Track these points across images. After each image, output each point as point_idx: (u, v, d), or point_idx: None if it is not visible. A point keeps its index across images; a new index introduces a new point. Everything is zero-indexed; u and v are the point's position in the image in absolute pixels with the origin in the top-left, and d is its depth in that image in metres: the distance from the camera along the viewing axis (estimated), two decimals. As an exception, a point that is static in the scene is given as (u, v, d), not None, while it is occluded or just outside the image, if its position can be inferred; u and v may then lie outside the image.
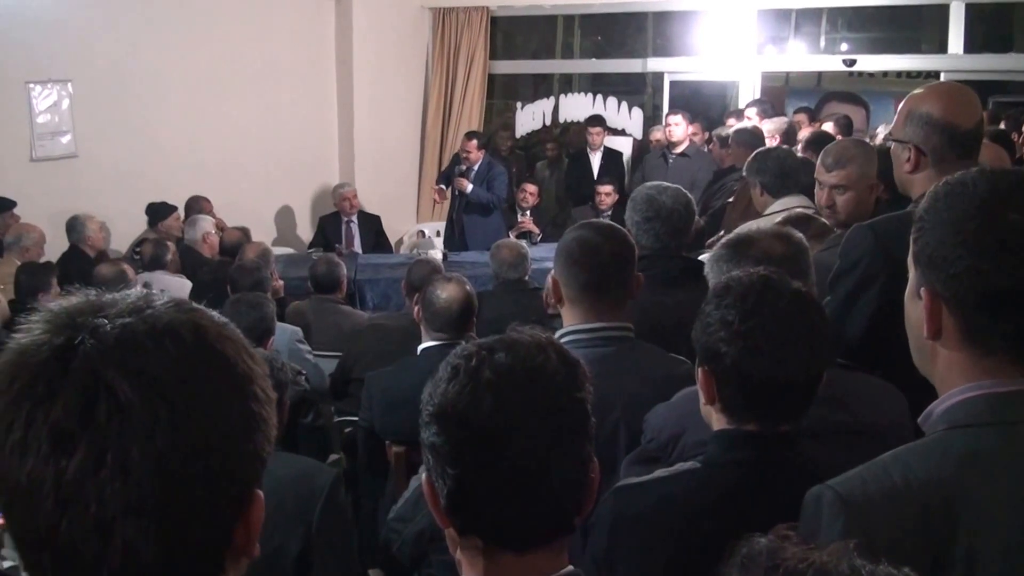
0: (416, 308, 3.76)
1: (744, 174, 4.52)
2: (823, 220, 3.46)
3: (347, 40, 9.57)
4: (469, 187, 8.20)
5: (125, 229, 7.72)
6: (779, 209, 4.09)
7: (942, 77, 8.76)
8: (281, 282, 5.85)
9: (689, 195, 3.46)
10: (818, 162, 3.40)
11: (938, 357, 1.37)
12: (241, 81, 8.70)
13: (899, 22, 10.03)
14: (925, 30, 10.11)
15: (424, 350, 3.66)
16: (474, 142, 8.29)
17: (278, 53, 9.04)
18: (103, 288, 0.94)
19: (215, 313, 0.95)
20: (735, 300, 1.75)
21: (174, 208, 7.56)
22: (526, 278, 5.35)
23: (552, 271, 2.62)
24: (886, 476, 1.30)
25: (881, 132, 7.26)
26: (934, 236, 1.34)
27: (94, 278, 5.44)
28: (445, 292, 3.61)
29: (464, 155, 8.30)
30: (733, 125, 7.17)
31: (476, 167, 8.29)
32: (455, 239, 8.48)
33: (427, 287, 3.69)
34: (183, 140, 8.21)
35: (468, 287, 3.70)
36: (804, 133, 6.78)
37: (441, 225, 9.20)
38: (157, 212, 7.52)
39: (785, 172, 4.21)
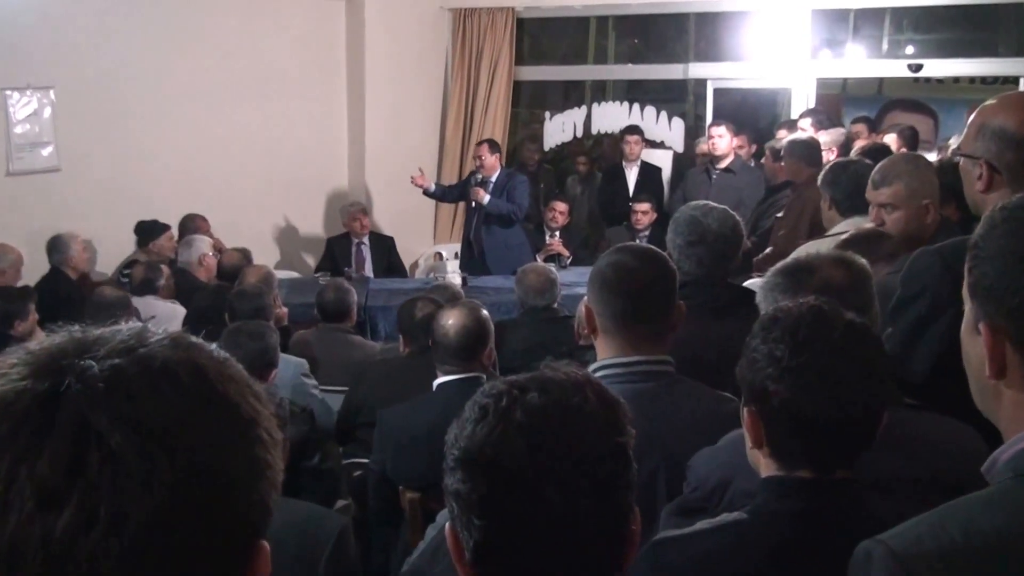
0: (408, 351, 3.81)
1: (819, 184, 4.54)
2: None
3: (359, 43, 9.69)
4: (486, 198, 8.23)
5: (111, 250, 7.78)
6: (845, 230, 4.10)
7: (1021, 85, 8.75)
8: (285, 309, 5.90)
9: (737, 217, 3.48)
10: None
11: (1002, 398, 1.35)
12: (242, 88, 8.81)
13: (972, 22, 10.00)
14: (1002, 31, 10.08)
15: (441, 385, 3.69)
16: (485, 147, 8.36)
17: (283, 58, 9.15)
18: (101, 314, 0.95)
19: (215, 348, 0.97)
20: (783, 333, 1.76)
21: (167, 227, 7.62)
22: (555, 305, 5.38)
23: (584, 298, 2.64)
24: (945, 531, 1.26)
25: (953, 143, 7.23)
26: (992, 266, 1.32)
27: (91, 302, 5.49)
28: (447, 320, 3.67)
29: (477, 163, 8.34)
30: (785, 137, 7.18)
31: (494, 178, 8.34)
32: (475, 261, 8.51)
33: (435, 322, 3.74)
34: (177, 153, 8.31)
35: (477, 313, 3.74)
36: (862, 144, 6.79)
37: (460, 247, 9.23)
38: (148, 231, 7.57)
39: (861, 189, 4.22)
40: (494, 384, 1.33)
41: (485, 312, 3.80)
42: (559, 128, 10.48)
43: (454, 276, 7.75)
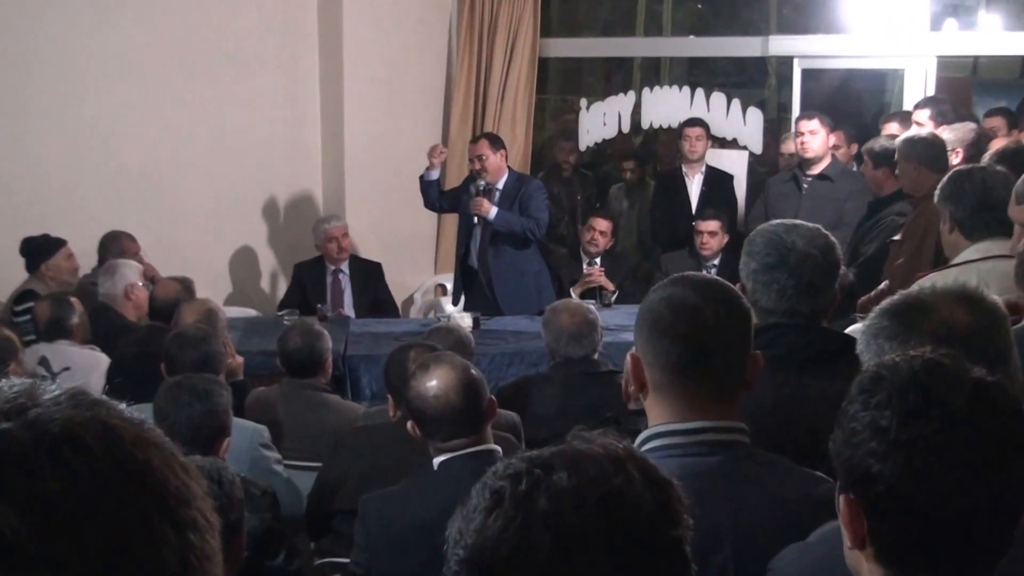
0: (409, 424, 3.82)
1: (935, 200, 4.53)
2: None
3: (335, 14, 9.72)
4: (493, 210, 8.14)
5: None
6: (975, 258, 4.11)
7: None
8: (240, 359, 5.92)
9: (831, 237, 3.47)
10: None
11: None
12: (183, 69, 8.87)
13: None
14: None
15: (444, 463, 3.70)
16: (485, 143, 8.30)
17: (238, 32, 9.22)
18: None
19: (126, 408, 0.98)
20: (890, 396, 1.76)
21: (61, 242, 7.55)
22: (595, 356, 5.38)
23: (633, 347, 2.64)
24: None
25: None
26: None
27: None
28: (429, 381, 3.68)
29: (475, 165, 8.25)
30: (896, 134, 7.17)
31: (501, 184, 8.32)
32: (477, 294, 8.46)
33: (408, 387, 3.77)
34: (94, 150, 8.37)
35: (462, 363, 3.79)
36: (999, 146, 6.79)
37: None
38: (37, 250, 7.54)
39: (991, 204, 4.22)
40: (510, 462, 1.34)
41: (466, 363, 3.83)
42: (598, 121, 10.43)
43: (461, 317, 7.75)
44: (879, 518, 1.76)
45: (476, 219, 8.24)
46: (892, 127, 7.91)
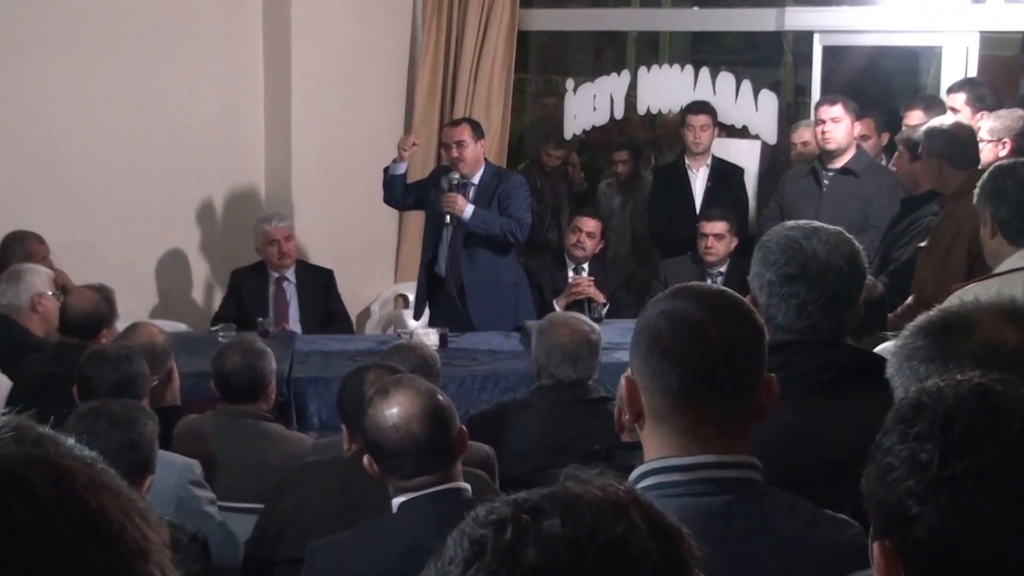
0: (365, 459, 3.81)
1: (975, 201, 4.54)
2: None
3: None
4: (468, 209, 8.15)
5: None
6: (1021, 266, 4.12)
7: None
8: (177, 381, 5.92)
9: (856, 244, 3.48)
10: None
11: None
12: (99, 42, 8.83)
13: None
14: None
15: (405, 505, 3.69)
16: (466, 128, 8.30)
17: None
18: None
19: (74, 444, 0.98)
20: (932, 427, 1.76)
21: None
22: (590, 382, 5.38)
23: (628, 368, 2.64)
24: None
25: None
26: None
27: None
28: (389, 408, 3.67)
29: (451, 154, 8.26)
30: (929, 122, 7.20)
31: (476, 179, 8.33)
32: (445, 307, 8.44)
33: (365, 416, 3.76)
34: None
35: (428, 388, 3.79)
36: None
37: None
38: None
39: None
40: (493, 506, 1.33)
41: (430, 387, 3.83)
42: (587, 106, 10.41)
43: (426, 333, 7.75)
44: (919, 569, 1.76)
45: (448, 219, 8.20)
46: (916, 115, 7.89)
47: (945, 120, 6.84)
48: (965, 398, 1.78)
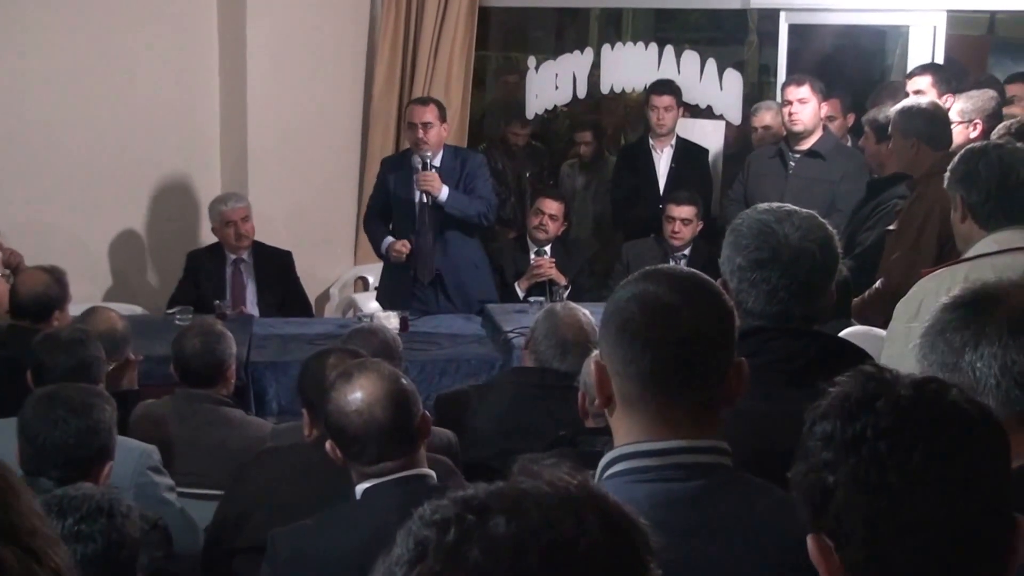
0: (327, 444, 3.81)
1: (945, 184, 4.55)
2: None
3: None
4: (444, 190, 8.16)
5: None
6: (992, 250, 4.13)
7: None
8: (134, 357, 5.91)
9: (829, 227, 3.49)
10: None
11: None
12: (50, 21, 8.79)
13: None
14: None
15: (368, 491, 3.70)
16: (433, 109, 8.26)
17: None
18: None
19: None
20: (831, 404, 1.89)
21: None
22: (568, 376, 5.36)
23: (594, 352, 2.64)
24: None
25: None
26: None
27: None
28: (355, 395, 3.68)
29: (416, 134, 8.20)
30: (895, 104, 7.22)
31: (439, 160, 8.30)
32: (404, 289, 8.44)
33: (327, 400, 3.76)
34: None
35: (391, 372, 3.80)
36: (1016, 114, 6.86)
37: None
38: None
39: (1010, 187, 4.25)
40: (439, 504, 1.32)
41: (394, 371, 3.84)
42: (549, 84, 10.39)
43: (387, 316, 7.74)
44: (847, 545, 1.82)
45: (424, 198, 8.21)
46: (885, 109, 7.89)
47: (920, 100, 6.82)
48: (859, 382, 1.89)
